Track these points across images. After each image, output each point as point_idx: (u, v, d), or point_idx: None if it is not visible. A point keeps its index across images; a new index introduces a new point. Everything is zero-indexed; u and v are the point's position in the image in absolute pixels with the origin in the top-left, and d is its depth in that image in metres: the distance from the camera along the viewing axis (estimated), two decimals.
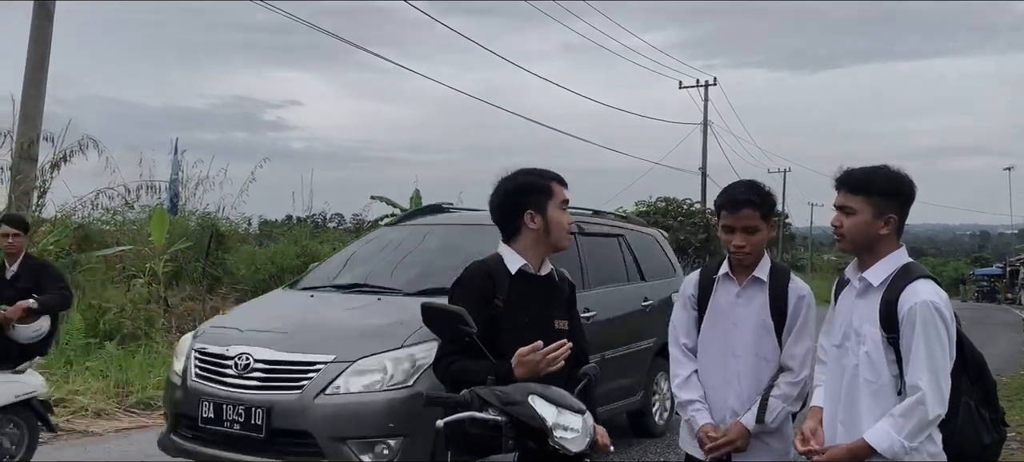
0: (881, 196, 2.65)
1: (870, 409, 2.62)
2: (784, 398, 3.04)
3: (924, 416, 2.49)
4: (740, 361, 3.11)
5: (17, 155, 9.86)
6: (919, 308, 2.53)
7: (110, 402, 7.64)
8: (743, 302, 3.11)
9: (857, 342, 2.69)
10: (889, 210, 2.66)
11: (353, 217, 28.63)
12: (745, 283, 3.11)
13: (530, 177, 2.86)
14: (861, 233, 2.67)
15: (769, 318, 3.07)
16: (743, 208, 3.02)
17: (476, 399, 2.35)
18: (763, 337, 3.09)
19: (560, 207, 2.84)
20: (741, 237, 3.03)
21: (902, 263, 2.67)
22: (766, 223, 3.05)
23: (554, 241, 2.85)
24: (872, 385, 2.63)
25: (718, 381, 3.15)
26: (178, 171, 15.71)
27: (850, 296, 2.78)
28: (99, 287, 10.41)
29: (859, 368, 2.67)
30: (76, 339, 8.64)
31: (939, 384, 2.50)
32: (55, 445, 6.59)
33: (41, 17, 10.16)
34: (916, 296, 2.55)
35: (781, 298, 3.09)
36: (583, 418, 2.41)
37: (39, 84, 10.11)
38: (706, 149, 35.65)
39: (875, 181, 2.67)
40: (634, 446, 7.01)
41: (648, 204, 31.66)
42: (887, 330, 2.60)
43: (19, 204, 9.69)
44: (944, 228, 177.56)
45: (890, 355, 2.60)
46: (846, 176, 2.73)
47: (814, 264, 66.21)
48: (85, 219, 13.23)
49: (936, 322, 2.53)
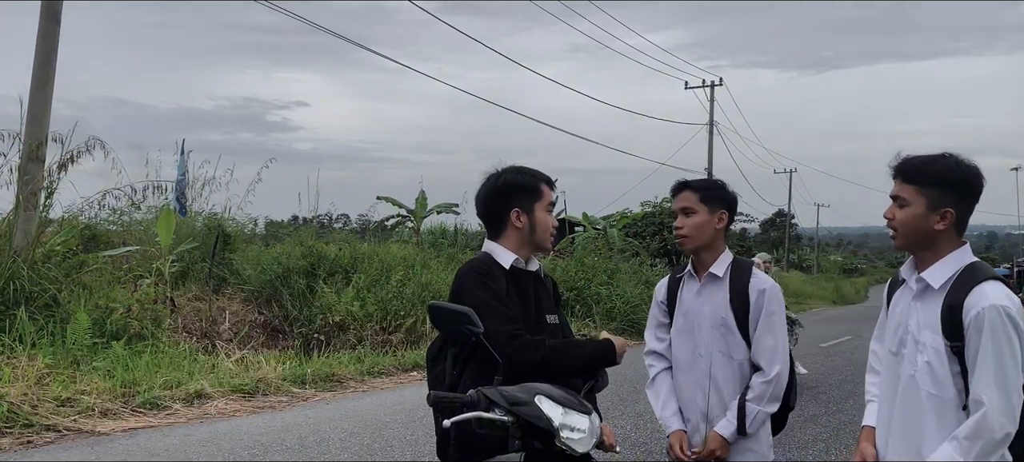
0: (937, 187, 2.41)
1: (933, 426, 2.38)
2: (758, 399, 2.98)
3: (991, 436, 2.25)
4: (705, 361, 3.08)
5: (25, 156, 9.88)
6: (987, 313, 2.28)
7: (116, 402, 7.65)
8: (703, 300, 3.10)
9: (915, 350, 2.45)
10: (946, 203, 2.41)
11: (359, 217, 28.72)
12: (703, 280, 3.11)
13: (520, 176, 2.85)
14: (913, 227, 2.45)
15: (729, 315, 3.03)
16: (681, 190, 3.13)
17: (483, 399, 2.35)
18: (724, 334, 3.04)
19: (546, 209, 2.85)
20: (679, 219, 3.12)
21: (966, 263, 2.43)
22: (707, 208, 3.07)
23: (538, 242, 2.85)
24: (934, 399, 2.39)
25: (689, 383, 3.13)
26: (184, 171, 15.77)
27: (906, 297, 2.54)
28: (106, 287, 10.43)
29: (917, 378, 2.44)
30: (83, 339, 8.66)
31: (1010, 399, 2.26)
32: (61, 445, 6.61)
33: (48, 18, 10.18)
34: (984, 299, 2.30)
35: (742, 294, 3.03)
36: (590, 418, 2.40)
37: (46, 85, 10.13)
38: (712, 149, 35.72)
39: (932, 170, 2.43)
40: (638, 446, 7.01)
41: (653, 205, 31.64)
42: (950, 338, 2.36)
43: (26, 205, 9.71)
44: None
45: (954, 366, 2.36)
46: (901, 164, 2.50)
47: (820, 264, 66.04)
48: (92, 220, 13.27)
49: (1007, 329, 2.28)
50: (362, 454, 6.59)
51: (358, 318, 12.55)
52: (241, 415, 8.01)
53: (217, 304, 12.60)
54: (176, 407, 7.90)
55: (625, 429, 7.55)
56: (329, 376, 9.79)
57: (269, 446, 6.74)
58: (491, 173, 2.87)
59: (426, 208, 21.70)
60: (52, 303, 9.26)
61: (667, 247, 29.10)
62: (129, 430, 7.14)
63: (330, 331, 12.47)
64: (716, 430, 3.01)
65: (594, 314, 15.95)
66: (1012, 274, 55.34)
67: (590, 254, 19.05)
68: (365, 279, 13.54)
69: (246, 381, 8.89)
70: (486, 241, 2.87)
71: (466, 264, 2.84)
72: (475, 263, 2.80)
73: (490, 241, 2.85)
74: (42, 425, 6.87)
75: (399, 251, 15.89)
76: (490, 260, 2.78)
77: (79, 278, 10.14)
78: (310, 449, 6.69)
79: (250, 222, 17.15)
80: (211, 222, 14.75)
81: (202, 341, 11.15)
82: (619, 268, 19.36)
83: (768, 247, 53.03)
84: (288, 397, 8.88)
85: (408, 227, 22.36)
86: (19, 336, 8.45)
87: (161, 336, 10.01)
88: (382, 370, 10.59)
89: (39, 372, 7.74)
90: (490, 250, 2.82)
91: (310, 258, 13.82)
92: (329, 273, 13.70)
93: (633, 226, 29.22)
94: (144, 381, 8.17)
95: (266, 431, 7.28)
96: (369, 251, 15.11)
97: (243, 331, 11.84)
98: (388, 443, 6.94)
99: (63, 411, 7.17)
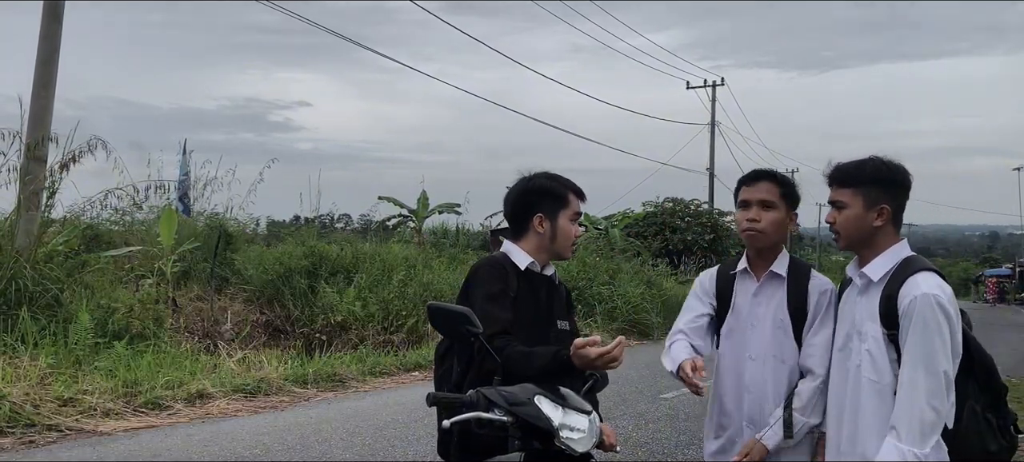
0: (871, 186, 2.55)
1: (875, 411, 2.49)
2: (804, 410, 2.80)
3: (924, 416, 2.32)
4: (757, 364, 2.92)
5: (26, 156, 9.89)
6: (919, 301, 2.39)
7: (119, 402, 7.66)
8: (761, 301, 2.95)
9: (859, 341, 2.56)
10: (881, 200, 2.55)
11: (361, 217, 28.74)
12: (763, 279, 2.95)
13: (549, 182, 2.87)
14: (854, 227, 2.57)
15: (787, 316, 2.89)
16: (761, 180, 2.92)
17: (482, 399, 2.35)
18: (780, 338, 2.90)
19: (571, 218, 2.85)
20: (755, 211, 2.89)
21: (903, 257, 2.55)
22: (785, 206, 2.91)
23: (558, 249, 2.86)
24: (875, 385, 2.50)
25: (734, 387, 2.97)
26: (187, 171, 15.78)
27: (852, 295, 2.66)
28: (108, 287, 10.45)
29: (862, 368, 2.54)
30: (85, 339, 8.67)
31: (938, 380, 2.33)
32: (64, 445, 6.62)
33: (50, 18, 10.19)
34: (916, 289, 2.41)
35: (801, 295, 2.89)
36: (589, 418, 2.40)
37: (48, 85, 10.14)
38: (714, 149, 35.75)
39: (863, 171, 2.57)
40: (638, 446, 7.01)
41: (655, 205, 31.64)
42: (887, 327, 2.47)
43: (28, 205, 9.72)
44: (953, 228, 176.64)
45: (891, 354, 2.47)
46: (835, 170, 2.63)
47: (822, 264, 65.99)
48: (94, 220, 13.27)
49: (936, 316, 2.37)
50: (364, 454, 6.60)
51: (360, 318, 12.57)
52: (243, 415, 8.02)
53: (219, 304, 12.62)
54: (178, 407, 7.91)
55: (626, 429, 7.55)
56: (331, 376, 9.80)
57: (271, 446, 6.75)
58: (523, 176, 2.90)
59: (428, 208, 21.70)
60: (54, 303, 9.27)
61: (669, 247, 29.10)
62: (131, 430, 7.15)
63: (332, 331, 12.48)
64: (761, 440, 2.83)
65: (596, 314, 15.94)
66: (1014, 274, 55.30)
67: (592, 254, 19.04)
68: (367, 279, 13.55)
69: (248, 381, 8.90)
70: (505, 241, 2.90)
71: (481, 260, 2.88)
72: (489, 260, 2.84)
73: (508, 242, 2.87)
74: (44, 425, 6.88)
75: (401, 251, 15.89)
76: (506, 260, 2.80)
77: (81, 278, 10.15)
78: (312, 449, 6.70)
79: (252, 222, 17.19)
80: (213, 222, 14.77)
81: (204, 341, 11.17)
82: (621, 268, 19.35)
83: None
84: (290, 397, 8.89)
85: (410, 227, 22.36)
86: (21, 336, 8.46)
87: (163, 336, 10.02)
88: (384, 370, 10.60)
89: (41, 372, 7.75)
90: (508, 250, 2.84)
91: (312, 258, 13.83)
92: (331, 273, 13.71)
93: (635, 226, 29.22)
94: (146, 381, 8.17)
95: (268, 431, 7.29)
96: (371, 251, 15.11)
97: (245, 331, 11.84)
98: (390, 443, 6.94)
99: (65, 411, 7.18)
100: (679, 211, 30.79)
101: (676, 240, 29.36)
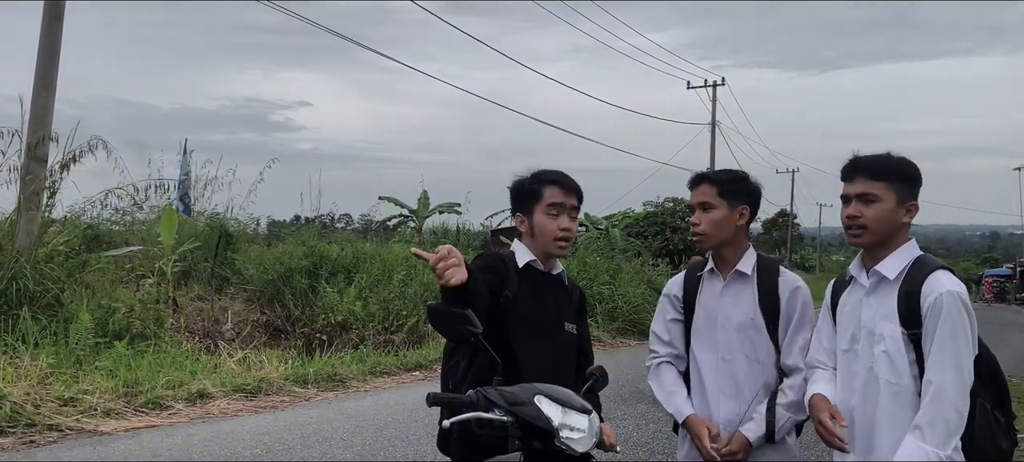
0: (902, 182, 2.47)
1: (892, 414, 2.41)
2: (789, 407, 2.80)
3: (950, 417, 2.27)
4: (730, 365, 2.89)
5: (27, 156, 9.89)
6: (945, 298, 2.32)
7: (119, 402, 7.66)
8: (728, 300, 2.91)
9: (870, 342, 2.47)
10: (911, 197, 2.47)
11: (361, 217, 28.77)
12: (728, 278, 2.91)
13: (524, 180, 2.86)
14: (886, 222, 2.45)
15: (759, 315, 2.85)
16: (699, 183, 2.91)
17: (482, 399, 2.35)
18: (752, 337, 2.86)
19: (546, 211, 2.78)
20: (697, 214, 2.90)
21: (916, 255, 2.48)
22: (727, 203, 2.85)
23: (541, 246, 2.81)
24: (892, 386, 2.42)
25: (711, 389, 2.93)
26: (187, 171, 15.78)
27: (856, 294, 2.57)
28: (108, 287, 10.45)
29: (876, 369, 2.45)
30: (85, 339, 8.67)
31: (964, 381, 2.29)
32: (64, 445, 6.62)
33: (51, 17, 10.19)
34: (940, 286, 2.35)
35: (771, 293, 2.85)
36: (589, 418, 2.40)
37: (49, 85, 10.14)
38: (714, 149, 35.73)
39: (893, 166, 2.48)
40: (639, 446, 7.01)
41: (655, 205, 31.64)
42: (908, 326, 2.39)
43: (29, 204, 9.73)
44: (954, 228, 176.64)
45: (910, 354, 2.39)
46: (868, 160, 2.51)
47: (823, 264, 65.97)
48: (94, 219, 13.28)
49: (961, 313, 2.32)
50: (364, 454, 6.60)
51: (360, 318, 12.57)
52: (243, 415, 8.02)
53: (219, 304, 12.62)
54: (178, 407, 7.91)
55: (626, 429, 7.55)
56: (331, 376, 9.80)
57: (271, 446, 6.75)
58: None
59: (428, 208, 21.72)
60: (55, 303, 9.28)
61: (669, 247, 29.09)
62: (132, 430, 7.15)
63: (332, 331, 12.48)
64: (742, 431, 2.84)
65: (597, 314, 15.94)
66: (1014, 274, 55.23)
67: (592, 254, 19.03)
68: (367, 279, 13.55)
69: (248, 381, 8.90)
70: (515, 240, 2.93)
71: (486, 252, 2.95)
72: (490, 252, 2.88)
73: (516, 241, 2.91)
74: (45, 425, 6.88)
75: (401, 251, 15.90)
76: (508, 256, 2.82)
77: (82, 278, 10.16)
78: (312, 449, 6.70)
79: (252, 222, 17.20)
80: (213, 222, 14.78)
81: (204, 341, 11.17)
82: (621, 268, 19.34)
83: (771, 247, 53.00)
84: (290, 397, 8.89)
85: (410, 227, 22.37)
86: (22, 336, 8.47)
87: (163, 336, 10.02)
88: (384, 370, 10.60)
89: (42, 372, 7.76)
90: (514, 248, 2.88)
91: (312, 258, 13.84)
92: (331, 273, 13.72)
93: (635, 226, 29.21)
94: (147, 381, 8.17)
95: (268, 431, 7.29)
96: (371, 251, 15.13)
97: (245, 331, 11.85)
98: (390, 442, 6.94)
99: (66, 411, 7.18)
100: (680, 211, 30.78)
101: (677, 240, 29.36)
